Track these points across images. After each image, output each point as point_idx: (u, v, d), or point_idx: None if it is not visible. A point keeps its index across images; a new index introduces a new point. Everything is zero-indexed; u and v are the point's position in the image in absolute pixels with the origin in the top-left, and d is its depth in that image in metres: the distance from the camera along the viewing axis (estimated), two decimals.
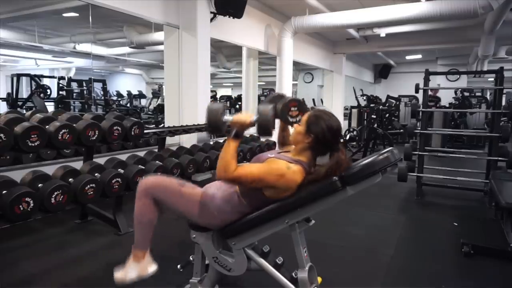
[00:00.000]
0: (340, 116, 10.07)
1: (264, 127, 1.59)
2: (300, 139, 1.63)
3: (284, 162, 1.57)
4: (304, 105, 1.75)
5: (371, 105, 9.55)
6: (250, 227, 1.64)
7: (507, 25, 6.61)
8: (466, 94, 10.49)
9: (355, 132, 8.43)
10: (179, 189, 1.72)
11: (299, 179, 1.56)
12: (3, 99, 8.92)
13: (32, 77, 8.83)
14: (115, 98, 12.89)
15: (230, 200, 1.66)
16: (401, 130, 8.70)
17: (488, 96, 10.92)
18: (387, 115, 9.52)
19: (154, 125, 7.02)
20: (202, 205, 1.67)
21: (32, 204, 2.33)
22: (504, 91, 4.32)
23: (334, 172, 1.52)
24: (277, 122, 1.75)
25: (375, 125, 7.49)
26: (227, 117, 1.61)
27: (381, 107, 9.11)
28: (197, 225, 1.74)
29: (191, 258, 1.90)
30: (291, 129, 1.79)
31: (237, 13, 4.96)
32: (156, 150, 4.00)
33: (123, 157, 3.42)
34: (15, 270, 2.44)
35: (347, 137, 8.30)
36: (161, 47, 5.42)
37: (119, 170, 3.07)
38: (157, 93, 12.49)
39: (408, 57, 13.06)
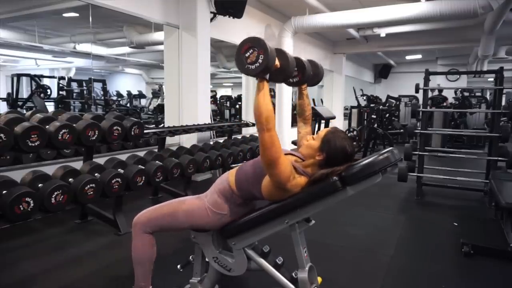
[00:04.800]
0: (340, 116, 10.08)
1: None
2: (312, 154, 1.61)
3: (293, 172, 1.56)
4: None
5: (371, 105, 9.55)
6: (250, 227, 1.64)
7: (507, 25, 6.62)
8: (466, 94, 10.49)
9: (355, 132, 8.43)
10: (182, 208, 1.69)
11: (296, 190, 1.55)
12: (3, 99, 8.91)
13: (32, 77, 8.82)
14: (115, 98, 12.89)
15: (224, 192, 1.66)
16: (401, 130, 8.71)
17: (488, 96, 10.92)
18: (387, 115, 9.52)
19: (154, 125, 7.03)
20: (209, 209, 1.66)
21: (32, 204, 2.33)
22: (504, 91, 4.32)
23: (326, 177, 1.52)
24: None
25: (375, 125, 7.49)
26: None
27: (381, 107, 9.10)
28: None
29: (191, 258, 1.90)
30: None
31: (237, 13, 4.97)
32: (156, 150, 4.00)
33: (123, 157, 3.42)
34: (15, 270, 2.44)
35: None
36: (161, 47, 5.43)
37: (119, 170, 3.06)
38: (157, 93, 12.48)
39: (408, 57, 13.07)
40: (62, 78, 9.62)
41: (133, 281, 1.73)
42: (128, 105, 12.52)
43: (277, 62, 1.51)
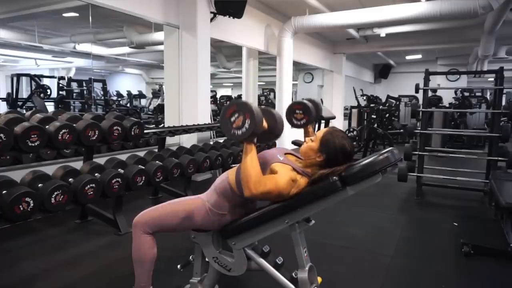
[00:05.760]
0: (340, 116, 10.08)
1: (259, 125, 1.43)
2: (311, 155, 1.62)
3: (294, 173, 1.57)
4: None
5: (371, 105, 9.56)
6: (250, 227, 1.64)
7: (507, 25, 6.62)
8: (466, 94, 10.49)
9: (355, 132, 8.43)
10: (183, 208, 1.69)
11: (298, 191, 1.56)
12: (3, 99, 8.92)
13: (32, 77, 8.82)
14: (115, 98, 12.89)
15: (224, 191, 1.66)
16: (401, 130, 8.71)
17: (488, 96, 10.92)
18: (387, 115, 9.52)
19: (154, 125, 7.02)
20: (210, 209, 1.67)
21: (32, 204, 2.33)
22: (504, 91, 4.32)
23: (326, 177, 1.53)
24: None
25: (375, 125, 7.49)
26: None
27: (381, 107, 9.11)
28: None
29: (191, 258, 1.90)
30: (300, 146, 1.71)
31: (237, 13, 4.97)
32: (156, 150, 4.00)
33: (123, 157, 3.42)
34: (15, 270, 2.44)
35: None
36: (161, 47, 5.43)
37: (119, 170, 3.06)
38: (157, 93, 12.48)
39: (408, 57, 13.06)
40: (62, 78, 9.62)
41: (133, 281, 1.73)
42: (128, 105, 12.52)
43: (264, 124, 1.49)
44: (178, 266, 1.92)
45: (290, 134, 2.39)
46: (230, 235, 1.68)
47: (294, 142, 4.08)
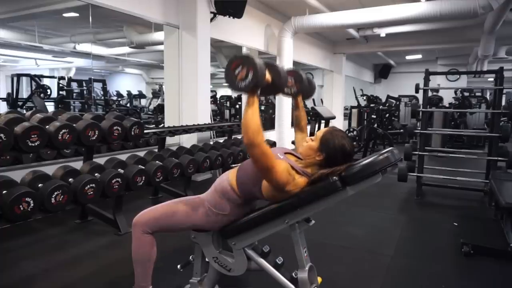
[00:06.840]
0: (340, 116, 10.08)
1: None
2: (311, 155, 1.62)
3: (292, 170, 1.56)
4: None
5: (371, 105, 9.56)
6: (250, 227, 1.64)
7: (507, 25, 6.62)
8: (466, 94, 10.49)
9: (355, 132, 8.43)
10: (182, 208, 1.69)
11: (296, 191, 1.55)
12: (3, 99, 8.91)
13: (32, 77, 8.81)
14: (115, 98, 12.89)
15: (225, 192, 1.65)
16: (401, 130, 8.71)
17: (488, 96, 10.92)
18: (387, 115, 9.52)
19: (154, 125, 7.02)
20: (210, 209, 1.67)
21: (32, 204, 2.33)
22: (504, 91, 4.32)
23: (326, 177, 1.53)
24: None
25: (375, 125, 7.49)
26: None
27: (381, 107, 9.11)
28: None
29: (191, 258, 1.90)
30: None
31: (237, 13, 4.97)
32: (156, 150, 4.00)
33: (123, 157, 3.42)
34: (15, 270, 2.44)
35: None
36: (161, 47, 5.43)
37: (119, 170, 3.07)
38: (157, 93, 12.48)
39: (408, 57, 13.06)
40: (62, 78, 9.62)
41: (133, 281, 1.73)
42: (128, 105, 12.51)
43: (268, 77, 1.53)
44: (178, 266, 1.92)
45: (290, 134, 2.38)
46: (230, 235, 1.68)
47: (294, 142, 4.08)
